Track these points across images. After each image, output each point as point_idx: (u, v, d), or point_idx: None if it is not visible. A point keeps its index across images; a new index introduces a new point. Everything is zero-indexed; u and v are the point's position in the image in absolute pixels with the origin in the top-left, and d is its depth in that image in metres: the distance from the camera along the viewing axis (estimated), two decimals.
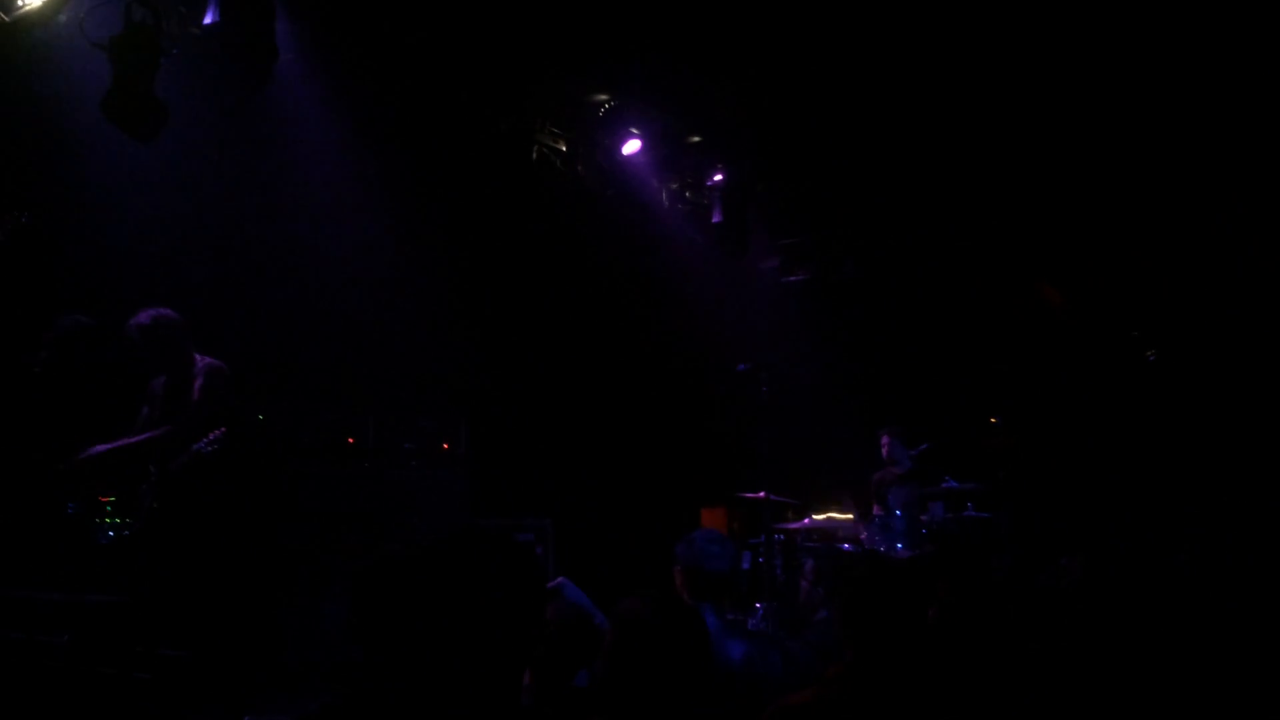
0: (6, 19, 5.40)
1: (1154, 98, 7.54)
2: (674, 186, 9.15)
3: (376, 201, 7.58)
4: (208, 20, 5.60)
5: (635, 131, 8.17)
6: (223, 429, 5.36)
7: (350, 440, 7.11)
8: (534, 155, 7.97)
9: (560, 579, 3.53)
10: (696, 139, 8.68)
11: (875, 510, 8.45)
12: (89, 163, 6.11)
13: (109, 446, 5.43)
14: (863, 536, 8.21)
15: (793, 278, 10.55)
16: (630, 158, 8.33)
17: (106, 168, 6.12)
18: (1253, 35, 6.75)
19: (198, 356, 5.62)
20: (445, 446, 7.61)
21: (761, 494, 7.83)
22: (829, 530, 8.49)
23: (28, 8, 5.42)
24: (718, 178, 8.94)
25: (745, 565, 8.59)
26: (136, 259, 6.49)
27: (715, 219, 8.90)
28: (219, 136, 6.74)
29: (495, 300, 8.67)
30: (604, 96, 7.93)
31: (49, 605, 4.40)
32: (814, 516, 8.54)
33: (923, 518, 8.04)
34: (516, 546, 2.08)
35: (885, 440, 8.52)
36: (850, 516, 8.64)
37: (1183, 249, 9.39)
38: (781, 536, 8.18)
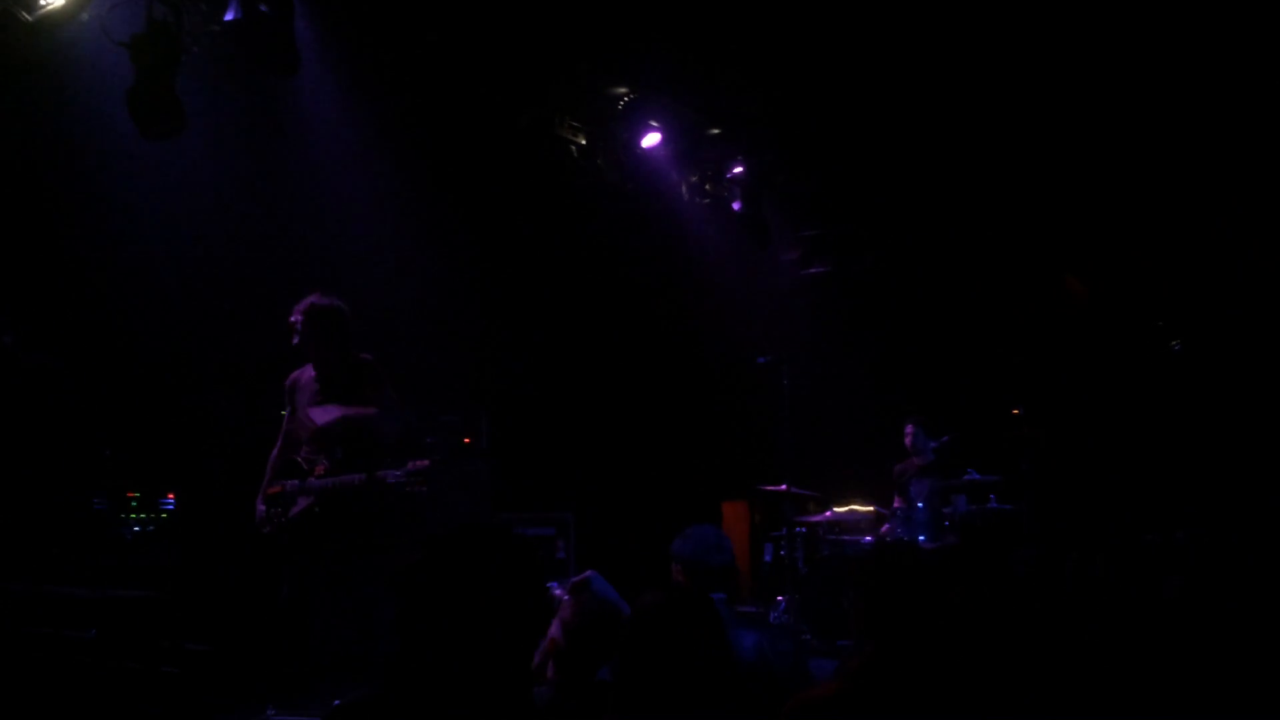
0: (29, 18, 5.43)
1: (1177, 88, 7.47)
2: (694, 179, 9.14)
3: (396, 195, 7.60)
4: (228, 17, 5.63)
5: (655, 124, 8.16)
6: (428, 462, 5.15)
7: None
8: (554, 149, 7.97)
9: (589, 572, 3.53)
10: (716, 131, 8.66)
11: (896, 503, 8.42)
12: (111, 161, 6.15)
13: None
14: (884, 529, 8.19)
15: (813, 270, 10.51)
16: (650, 151, 8.32)
17: (128, 166, 6.16)
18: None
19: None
20: (467, 440, 7.63)
21: (783, 486, 7.83)
22: (851, 523, 8.47)
23: (50, 7, 5.46)
24: (737, 170, 8.92)
25: (767, 558, 8.59)
26: (157, 256, 6.53)
27: (737, 209, 8.89)
28: (240, 132, 6.78)
29: (516, 294, 8.68)
30: (623, 89, 7.91)
31: (76, 600, 4.44)
32: (835, 509, 8.52)
33: (945, 510, 8.01)
34: (518, 540, 2.09)
35: (910, 430, 8.47)
36: (872, 509, 8.61)
37: (1207, 239, 9.31)
38: (803, 529, 8.17)
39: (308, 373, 5.48)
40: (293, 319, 5.29)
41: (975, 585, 3.73)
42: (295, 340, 5.30)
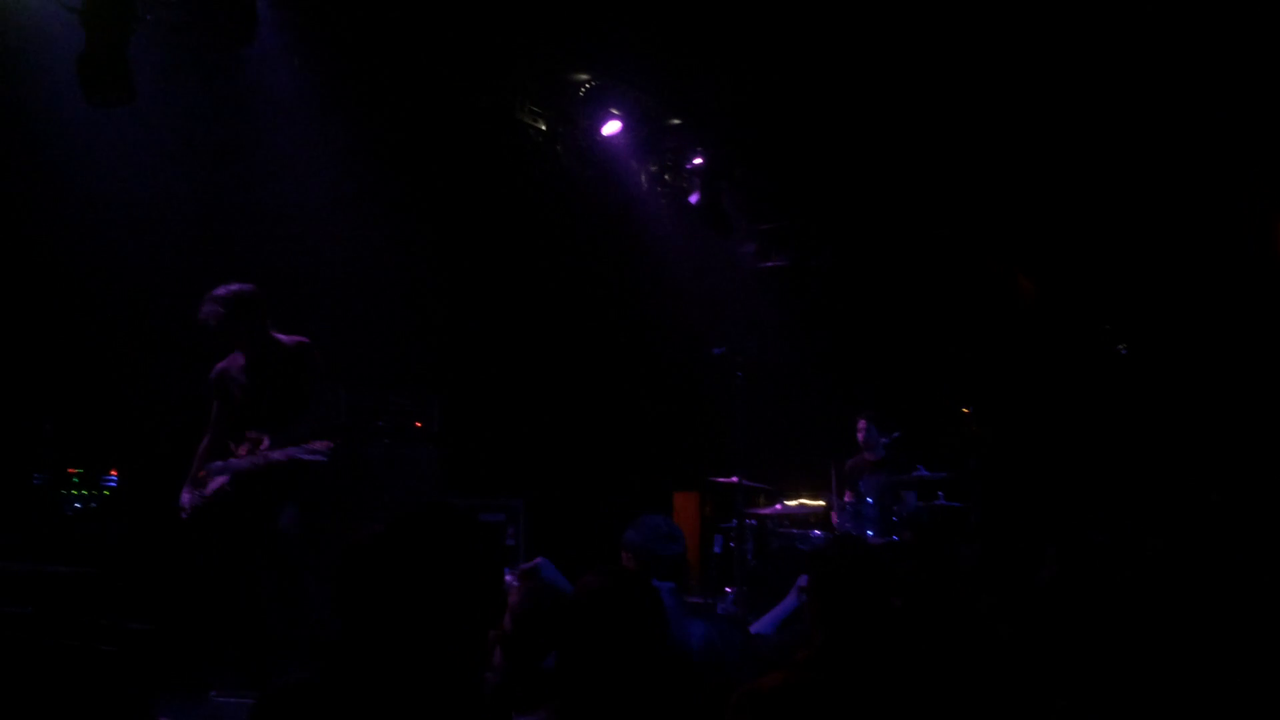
0: None
1: (1126, 89, 7.58)
2: (653, 169, 9.12)
3: (352, 176, 7.50)
4: None
5: (615, 112, 8.13)
6: (331, 443, 5.14)
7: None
8: (514, 133, 7.91)
9: (538, 559, 3.52)
10: (677, 121, 8.64)
11: (847, 497, 8.48)
12: (57, 130, 6.00)
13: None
14: (835, 523, 8.24)
15: (769, 263, 10.55)
16: (610, 139, 8.29)
17: (75, 135, 6.01)
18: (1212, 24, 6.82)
19: (278, 334, 5.40)
20: (418, 425, 7.56)
21: (734, 479, 7.83)
22: (801, 516, 8.51)
23: None
24: (697, 161, 8.91)
25: (717, 549, 8.60)
26: (106, 228, 6.40)
27: (694, 201, 8.89)
28: (192, 103, 6.65)
29: (470, 278, 8.62)
30: (585, 76, 7.88)
31: (13, 575, 4.34)
32: (786, 502, 8.55)
33: (894, 506, 8.07)
34: (481, 525, 2.07)
35: (862, 425, 8.52)
36: (823, 502, 8.65)
37: (1155, 242, 9.47)
38: (754, 521, 8.19)
39: (237, 361, 5.44)
40: (211, 309, 5.19)
41: (919, 581, 3.76)
42: (214, 327, 5.22)
